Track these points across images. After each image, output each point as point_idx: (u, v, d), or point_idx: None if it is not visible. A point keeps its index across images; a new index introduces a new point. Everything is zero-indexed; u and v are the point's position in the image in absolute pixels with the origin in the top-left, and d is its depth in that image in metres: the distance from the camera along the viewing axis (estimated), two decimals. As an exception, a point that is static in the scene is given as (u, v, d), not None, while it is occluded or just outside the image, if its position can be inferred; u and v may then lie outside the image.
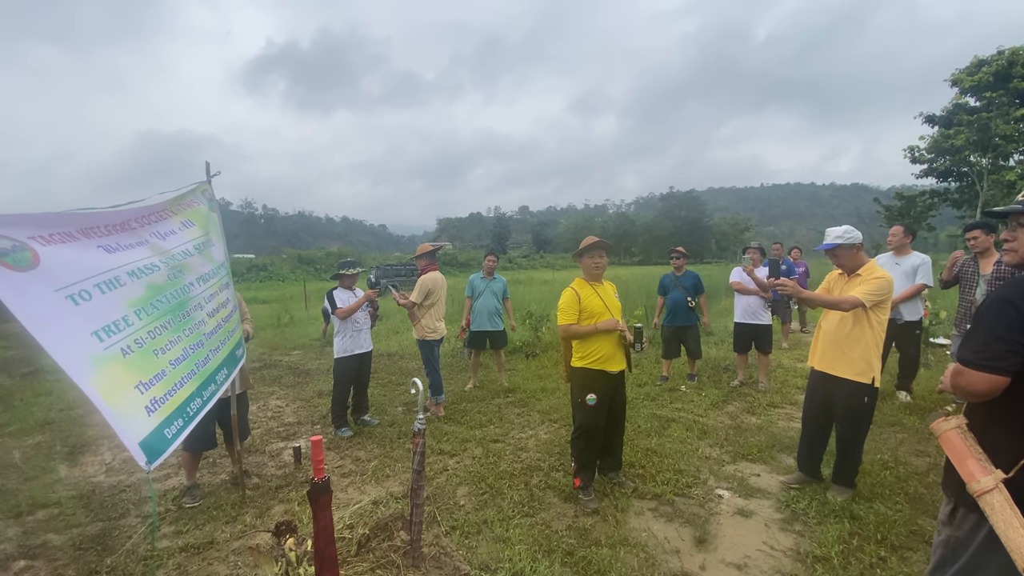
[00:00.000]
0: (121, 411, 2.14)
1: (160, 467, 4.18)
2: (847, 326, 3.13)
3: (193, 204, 3.26)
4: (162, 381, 2.41)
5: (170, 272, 2.71)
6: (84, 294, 2.18)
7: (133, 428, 2.17)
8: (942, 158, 25.88)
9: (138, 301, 2.44)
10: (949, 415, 1.61)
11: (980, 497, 1.46)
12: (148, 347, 2.40)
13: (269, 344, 9.96)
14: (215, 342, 2.97)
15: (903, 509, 3.10)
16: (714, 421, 4.80)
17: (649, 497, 3.39)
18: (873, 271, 3.11)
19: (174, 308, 2.66)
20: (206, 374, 2.76)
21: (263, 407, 5.80)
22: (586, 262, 3.41)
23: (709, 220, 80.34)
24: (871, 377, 3.09)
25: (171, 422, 2.37)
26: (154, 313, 2.51)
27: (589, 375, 3.32)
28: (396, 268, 24.69)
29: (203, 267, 3.06)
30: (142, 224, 2.73)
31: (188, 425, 2.48)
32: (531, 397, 5.75)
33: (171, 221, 2.97)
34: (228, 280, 3.38)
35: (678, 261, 6.21)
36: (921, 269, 4.89)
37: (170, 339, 2.56)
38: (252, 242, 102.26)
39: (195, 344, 2.75)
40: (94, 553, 2.96)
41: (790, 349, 8.04)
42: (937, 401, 4.97)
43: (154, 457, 2.20)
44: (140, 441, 2.16)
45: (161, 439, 2.28)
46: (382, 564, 2.55)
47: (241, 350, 3.34)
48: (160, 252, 2.72)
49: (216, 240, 3.35)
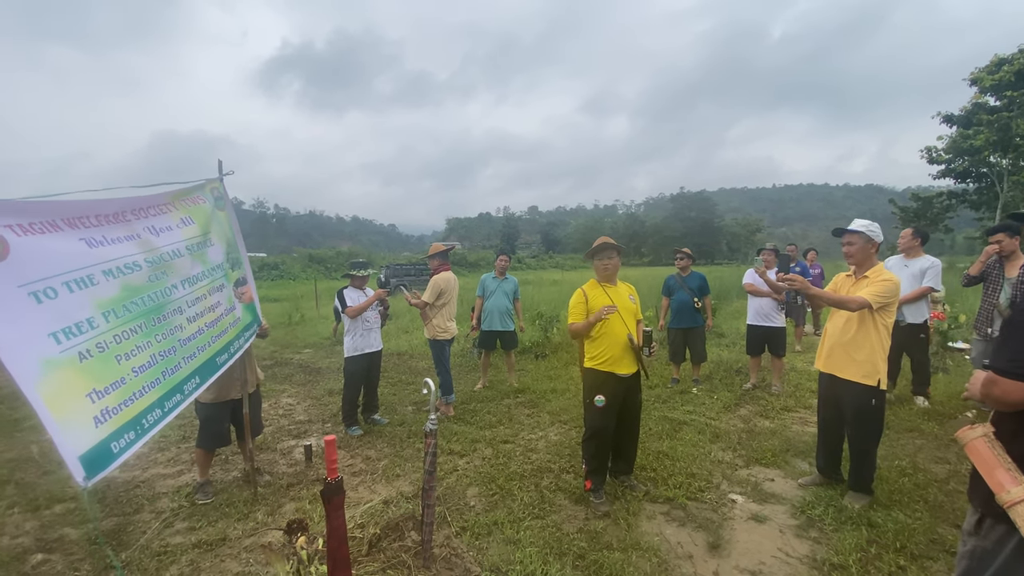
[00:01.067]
0: (65, 420, 2.00)
1: (174, 463, 4.23)
2: (852, 328, 3.12)
3: (197, 201, 3.16)
4: (119, 390, 2.25)
5: (152, 273, 2.59)
6: (49, 291, 2.06)
7: (75, 440, 2.01)
8: (960, 159, 25.41)
9: (109, 302, 2.31)
10: (975, 423, 1.56)
11: (1011, 508, 1.41)
12: (110, 352, 2.26)
13: (280, 342, 10.04)
14: (191, 349, 2.80)
15: (923, 517, 3.04)
16: (726, 424, 4.75)
17: (661, 501, 3.36)
18: (881, 273, 3.11)
19: (149, 311, 2.53)
20: (172, 383, 2.59)
21: (274, 405, 5.85)
22: (596, 263, 3.40)
23: (720, 221, 79.59)
24: (877, 379, 3.07)
25: (121, 435, 2.21)
26: (125, 316, 2.37)
27: (598, 376, 3.30)
28: (406, 268, 24.80)
29: (192, 269, 2.93)
30: (138, 216, 2.63)
31: (140, 439, 2.30)
32: (541, 398, 5.73)
33: (170, 216, 2.86)
34: (224, 282, 3.25)
35: (683, 262, 6.15)
36: (929, 272, 4.80)
37: (138, 344, 2.41)
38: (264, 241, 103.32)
39: (166, 351, 2.59)
40: (109, 548, 2.99)
41: (803, 352, 7.93)
42: (956, 407, 4.87)
43: (94, 472, 2.04)
44: (81, 455, 2.01)
45: (105, 453, 2.11)
46: (393, 564, 2.54)
47: (225, 356, 3.13)
48: (148, 249, 2.61)
49: (217, 240, 3.24)
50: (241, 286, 3.51)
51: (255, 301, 3.67)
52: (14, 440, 4.85)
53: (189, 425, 4.92)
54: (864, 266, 3.19)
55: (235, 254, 3.49)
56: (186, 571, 2.75)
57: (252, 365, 3.77)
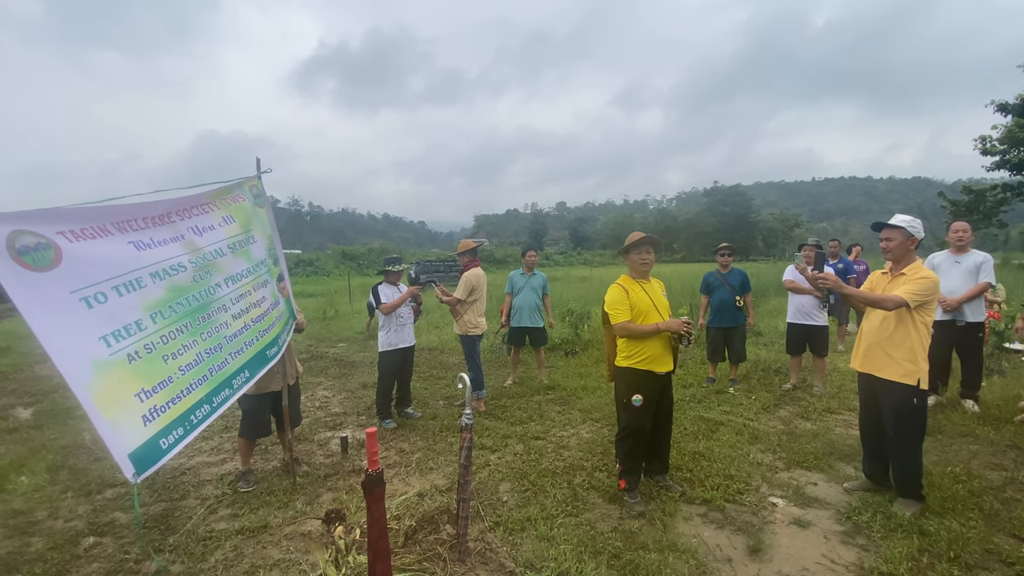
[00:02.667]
0: (115, 420, 2.07)
1: (217, 451, 4.38)
2: (890, 327, 3.03)
3: (238, 199, 3.22)
4: (166, 388, 2.33)
5: (196, 273, 2.65)
6: (100, 296, 2.14)
7: (125, 438, 2.10)
8: (1016, 149, 23.93)
9: (157, 304, 2.38)
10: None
11: None
12: (157, 352, 2.33)
13: (316, 336, 10.28)
14: (238, 344, 2.88)
15: (978, 526, 2.88)
16: (765, 426, 4.61)
17: (698, 502, 3.28)
18: (919, 271, 3.00)
19: (195, 310, 2.59)
20: (220, 379, 2.67)
21: (311, 397, 5.99)
22: (633, 258, 3.33)
23: (756, 216, 77.24)
24: (917, 378, 2.95)
25: (169, 431, 2.29)
26: (171, 316, 2.44)
27: (636, 376, 3.24)
28: (435, 264, 25.05)
29: (236, 266, 2.99)
30: (182, 217, 2.70)
31: (189, 434, 2.38)
32: (571, 395, 5.69)
33: (212, 215, 2.92)
34: (268, 278, 3.31)
35: (726, 259, 5.98)
36: (984, 267, 4.53)
37: (184, 343, 2.49)
38: (299, 238, 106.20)
39: (212, 348, 2.66)
40: (158, 532, 3.12)
41: (846, 352, 7.63)
42: (1013, 411, 4.59)
43: (143, 468, 2.12)
44: (130, 452, 2.09)
45: (155, 450, 2.19)
46: (429, 557, 2.57)
47: (274, 349, 3.23)
48: (192, 250, 2.67)
49: (259, 237, 3.30)
50: (280, 281, 3.60)
51: (291, 296, 3.75)
52: (67, 428, 5.10)
53: (231, 416, 5.08)
54: (901, 263, 3.10)
55: (275, 250, 3.57)
56: (230, 556, 2.84)
57: (292, 359, 3.87)
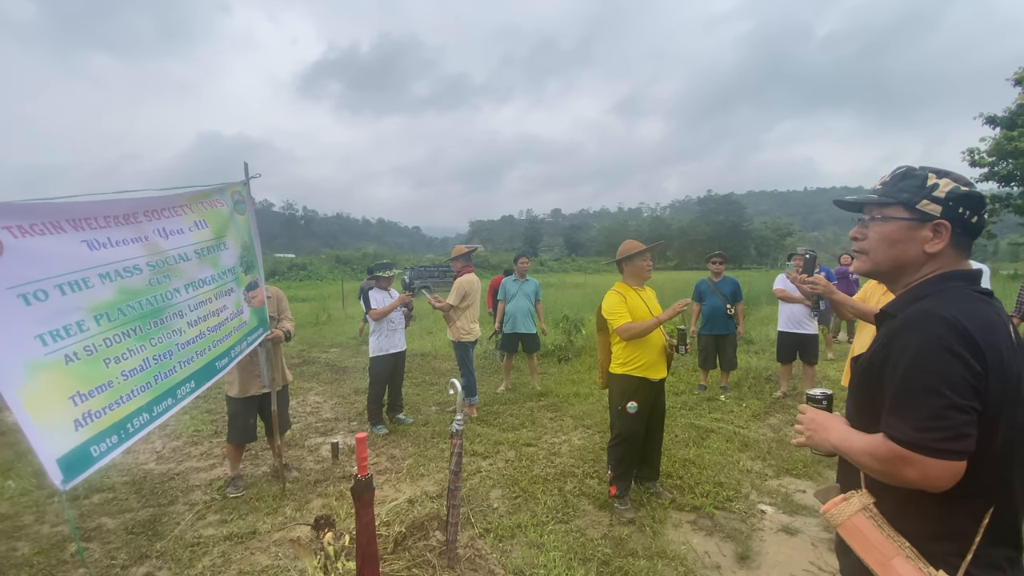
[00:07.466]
0: (44, 424, 2.01)
1: (206, 456, 4.35)
2: None
3: (215, 204, 3.10)
4: (104, 393, 2.25)
5: (154, 276, 2.58)
6: (40, 294, 2.07)
7: (53, 443, 2.03)
8: (1005, 161, 24.32)
9: (103, 305, 2.30)
10: (848, 494, 1.15)
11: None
12: (99, 355, 2.25)
13: (308, 341, 10.24)
14: (189, 353, 2.78)
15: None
16: (755, 433, 4.63)
17: (688, 509, 3.30)
18: None
19: (147, 315, 2.51)
20: (165, 387, 2.58)
21: (302, 402, 5.96)
22: (639, 264, 3.35)
23: (748, 224, 77.94)
24: None
25: (103, 439, 2.21)
26: (119, 319, 2.36)
27: (631, 383, 3.25)
28: (429, 270, 25.07)
29: (200, 273, 2.90)
30: (150, 218, 2.61)
31: (123, 443, 2.30)
32: (564, 402, 5.70)
33: (183, 219, 2.83)
34: (234, 286, 3.21)
35: (718, 266, 6.03)
36: (983, 278, 4.60)
37: (130, 347, 2.40)
38: (293, 242, 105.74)
39: (161, 354, 2.58)
40: (145, 538, 3.09)
41: (835, 360, 7.70)
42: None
43: (72, 475, 2.06)
44: (59, 457, 2.03)
45: (85, 457, 2.13)
46: (418, 563, 2.56)
47: (225, 361, 3.08)
48: (153, 253, 2.58)
49: (232, 244, 3.20)
50: (252, 290, 3.45)
51: (264, 305, 3.57)
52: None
53: (221, 420, 5.05)
54: None
55: (250, 257, 3.42)
56: (218, 562, 2.82)
57: (280, 365, 3.84)
